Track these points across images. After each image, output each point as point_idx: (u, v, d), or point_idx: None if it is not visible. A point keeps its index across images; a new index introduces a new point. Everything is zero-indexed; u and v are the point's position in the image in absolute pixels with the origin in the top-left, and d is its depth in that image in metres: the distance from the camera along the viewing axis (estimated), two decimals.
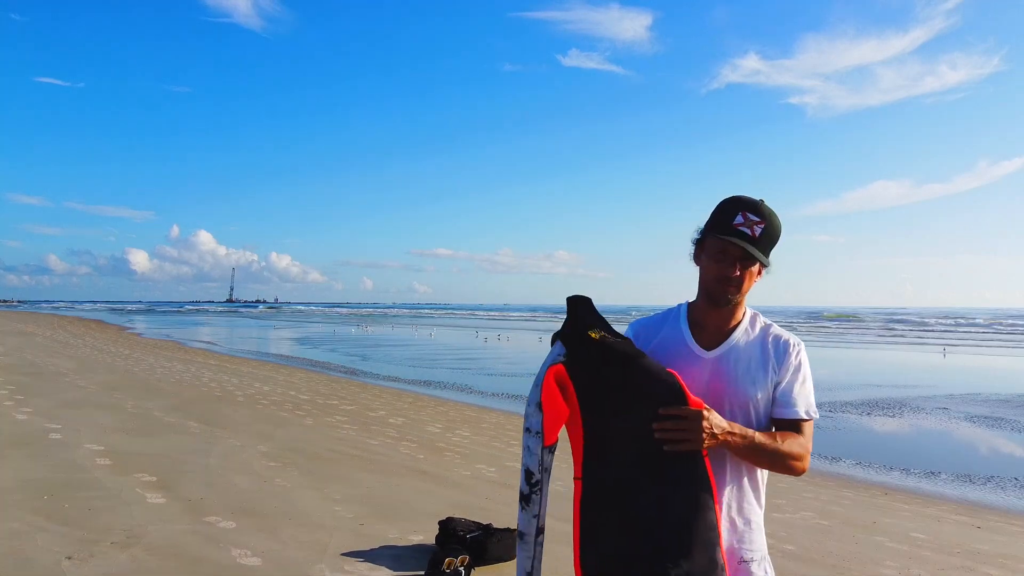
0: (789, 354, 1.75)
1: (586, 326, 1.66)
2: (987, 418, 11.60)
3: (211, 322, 57.70)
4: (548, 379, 1.61)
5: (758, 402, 1.72)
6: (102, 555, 3.77)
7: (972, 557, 4.99)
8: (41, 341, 22.43)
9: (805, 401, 1.73)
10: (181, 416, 8.48)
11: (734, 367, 1.73)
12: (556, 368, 1.63)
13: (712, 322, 1.78)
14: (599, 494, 1.63)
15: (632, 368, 1.64)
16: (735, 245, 1.66)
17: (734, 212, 1.68)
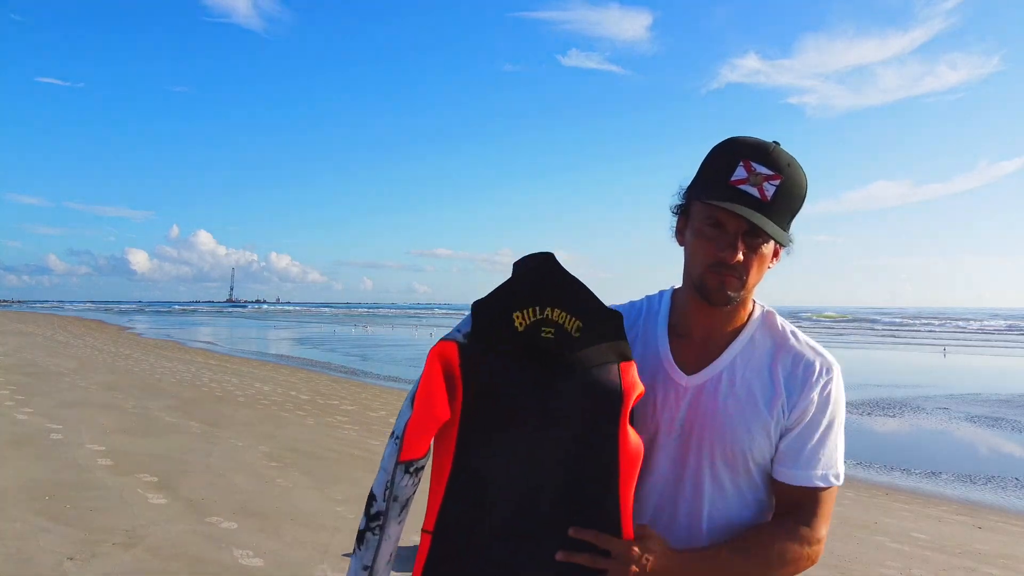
0: (811, 384, 1.18)
1: (518, 301, 1.11)
2: (988, 418, 11.60)
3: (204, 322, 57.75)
4: (432, 362, 1.10)
5: (754, 456, 1.19)
6: (104, 556, 3.77)
7: (973, 557, 5.00)
8: (41, 341, 22.43)
9: (826, 460, 1.18)
10: (182, 416, 8.49)
11: (723, 402, 1.19)
12: (445, 348, 1.10)
13: (702, 327, 1.24)
14: (453, 566, 1.11)
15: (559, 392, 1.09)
16: (735, 215, 1.10)
17: (732, 162, 1.13)
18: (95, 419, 7.81)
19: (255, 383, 12.99)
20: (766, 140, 1.16)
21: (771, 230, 1.11)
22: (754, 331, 1.25)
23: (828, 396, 1.19)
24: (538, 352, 1.10)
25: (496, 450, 1.09)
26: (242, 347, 26.33)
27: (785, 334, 1.25)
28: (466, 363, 1.09)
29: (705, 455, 1.19)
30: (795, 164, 1.15)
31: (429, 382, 1.09)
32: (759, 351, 1.23)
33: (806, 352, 1.22)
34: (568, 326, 1.11)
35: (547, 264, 1.14)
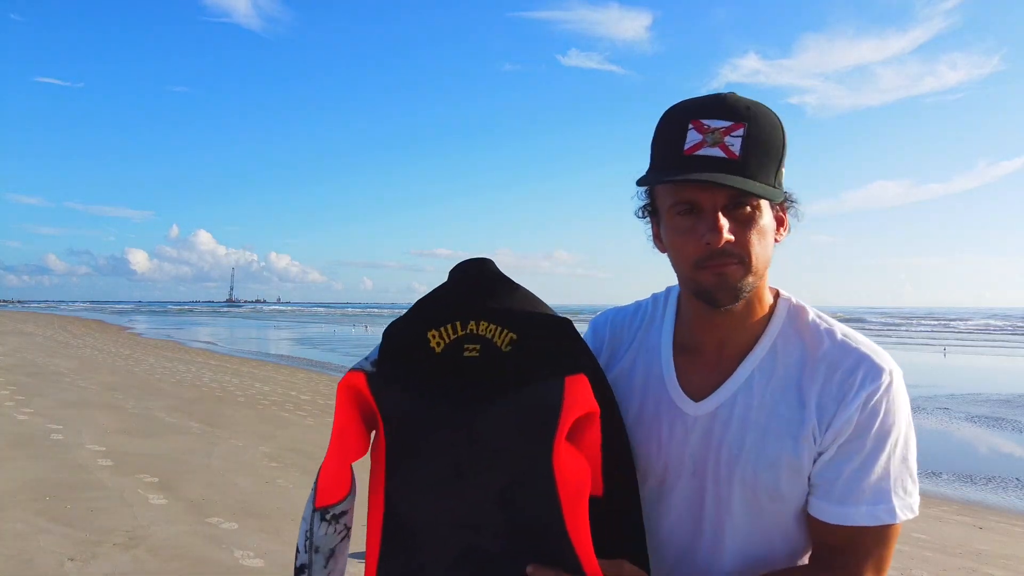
0: (849, 398, 0.93)
1: (435, 317, 0.96)
2: (988, 418, 11.60)
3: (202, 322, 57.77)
4: (341, 397, 0.97)
5: (782, 496, 0.96)
6: (104, 556, 3.77)
7: (974, 558, 5.00)
8: (41, 341, 22.43)
9: (874, 491, 0.92)
10: (182, 417, 8.49)
11: (739, 433, 0.96)
12: (353, 380, 0.96)
13: (711, 338, 1.02)
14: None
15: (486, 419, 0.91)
16: (704, 186, 0.90)
17: (681, 128, 0.92)
18: (96, 419, 7.81)
19: (255, 383, 12.99)
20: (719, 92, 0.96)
21: (755, 188, 0.89)
22: (776, 335, 1.00)
23: (875, 409, 0.92)
24: (460, 375, 0.93)
25: (422, 494, 0.94)
26: (242, 347, 26.33)
27: (819, 333, 0.98)
28: (377, 396, 0.95)
29: (723, 499, 0.97)
30: (757, 106, 0.94)
31: (341, 419, 0.97)
32: (784, 362, 0.98)
33: (846, 355, 0.95)
34: (498, 340, 0.94)
35: (478, 271, 0.99)
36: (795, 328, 1.01)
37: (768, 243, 0.95)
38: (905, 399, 0.95)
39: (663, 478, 1.02)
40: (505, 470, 0.92)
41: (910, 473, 0.94)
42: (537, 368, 0.93)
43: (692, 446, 0.99)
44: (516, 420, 0.91)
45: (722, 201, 0.91)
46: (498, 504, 0.92)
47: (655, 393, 1.04)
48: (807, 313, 1.02)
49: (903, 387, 0.95)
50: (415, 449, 0.94)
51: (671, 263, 1.00)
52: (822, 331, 0.99)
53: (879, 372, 0.94)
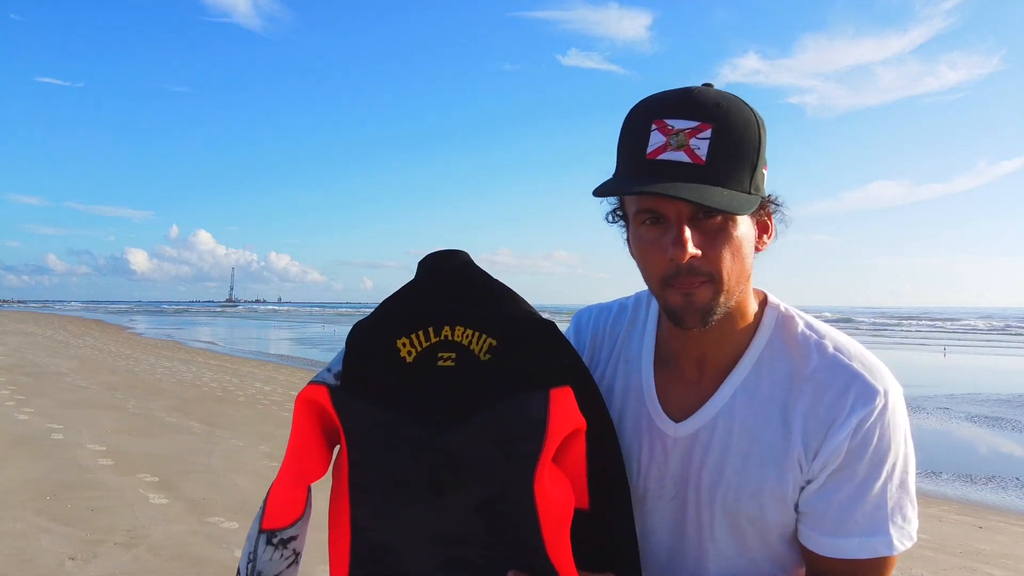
0: (838, 424, 0.85)
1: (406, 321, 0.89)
2: (988, 418, 11.60)
3: (201, 322, 57.78)
4: (300, 412, 0.90)
5: (767, 524, 0.90)
6: (105, 556, 3.77)
7: (974, 557, 5.00)
8: (41, 341, 22.43)
9: (867, 522, 0.86)
10: (183, 416, 8.49)
11: (719, 459, 0.91)
12: (313, 393, 0.89)
13: (689, 353, 0.95)
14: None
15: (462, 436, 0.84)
16: (666, 198, 0.81)
17: (644, 129, 0.84)
18: (96, 419, 7.81)
19: (255, 383, 12.99)
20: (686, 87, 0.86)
21: (720, 200, 0.79)
22: (761, 350, 0.92)
23: (868, 435, 0.84)
24: (433, 387, 0.85)
25: (393, 514, 0.86)
26: (242, 347, 26.33)
27: (807, 347, 0.90)
28: (341, 412, 0.87)
29: (705, 523, 0.92)
30: (729, 100, 0.84)
31: (297, 436, 0.89)
32: (769, 380, 0.90)
33: (836, 374, 0.87)
34: (476, 347, 0.86)
35: (451, 266, 0.90)
36: (782, 341, 0.92)
37: (744, 255, 0.86)
38: (903, 419, 0.87)
39: (643, 498, 0.97)
40: (484, 486, 0.85)
41: (909, 498, 0.87)
42: (519, 379, 0.85)
43: (672, 468, 0.94)
44: (495, 437, 0.83)
45: (688, 211, 0.82)
46: (478, 514, 0.85)
47: (635, 409, 0.98)
48: (796, 323, 0.93)
49: (901, 406, 0.87)
50: (384, 468, 0.85)
51: (641, 275, 0.92)
52: (811, 344, 0.91)
53: (872, 394, 0.85)
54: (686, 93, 0.84)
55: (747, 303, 0.93)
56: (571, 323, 1.14)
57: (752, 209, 0.82)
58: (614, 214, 0.96)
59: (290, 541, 0.91)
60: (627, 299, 1.11)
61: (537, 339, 0.89)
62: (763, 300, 0.96)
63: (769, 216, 0.91)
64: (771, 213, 0.91)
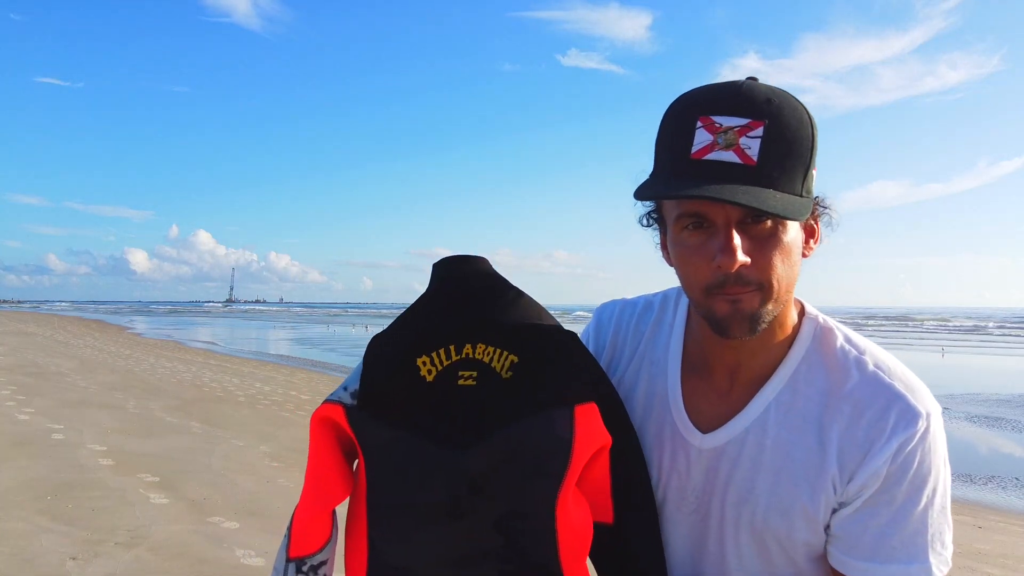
0: (878, 448, 0.81)
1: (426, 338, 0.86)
2: (987, 418, 11.61)
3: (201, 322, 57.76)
4: (316, 432, 0.88)
5: (794, 545, 0.86)
6: (106, 555, 3.78)
7: (973, 557, 5.00)
8: (42, 341, 22.43)
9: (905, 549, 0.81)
10: (183, 416, 8.50)
11: (749, 475, 0.86)
12: (329, 412, 0.87)
13: (723, 362, 0.91)
14: None
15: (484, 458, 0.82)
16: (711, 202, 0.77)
17: (688, 126, 0.79)
18: (96, 419, 7.82)
19: (255, 383, 12.99)
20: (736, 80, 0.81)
21: (775, 204, 0.74)
22: (798, 363, 0.87)
23: (909, 459, 0.80)
24: (454, 407, 0.83)
25: (413, 537, 0.83)
26: (242, 347, 26.33)
27: (847, 364, 0.85)
28: (359, 432, 0.84)
29: (729, 539, 0.88)
30: (781, 96, 0.78)
31: (317, 457, 0.87)
32: (805, 395, 0.85)
33: (877, 394, 0.83)
34: (497, 364, 0.84)
35: (471, 276, 0.87)
36: (820, 355, 0.87)
37: (793, 262, 0.81)
38: (943, 442, 0.84)
39: (661, 507, 0.94)
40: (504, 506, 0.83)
41: (948, 523, 0.84)
42: (542, 396, 0.83)
43: (695, 480, 0.90)
44: (518, 458, 0.82)
45: (737, 215, 0.77)
46: (497, 533, 0.83)
47: (658, 415, 0.93)
48: (835, 337, 0.88)
49: (941, 429, 0.84)
50: (404, 491, 0.83)
51: (680, 282, 0.88)
52: (851, 361, 0.86)
53: (915, 416, 0.81)
54: (735, 87, 0.79)
55: (788, 313, 0.88)
56: (592, 317, 1.10)
57: (807, 213, 0.77)
58: (649, 217, 0.90)
59: (320, 567, 0.88)
60: (653, 296, 1.05)
61: (560, 353, 0.86)
62: (801, 310, 0.91)
63: (816, 220, 0.86)
64: (818, 216, 0.86)
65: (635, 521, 0.91)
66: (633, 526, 0.90)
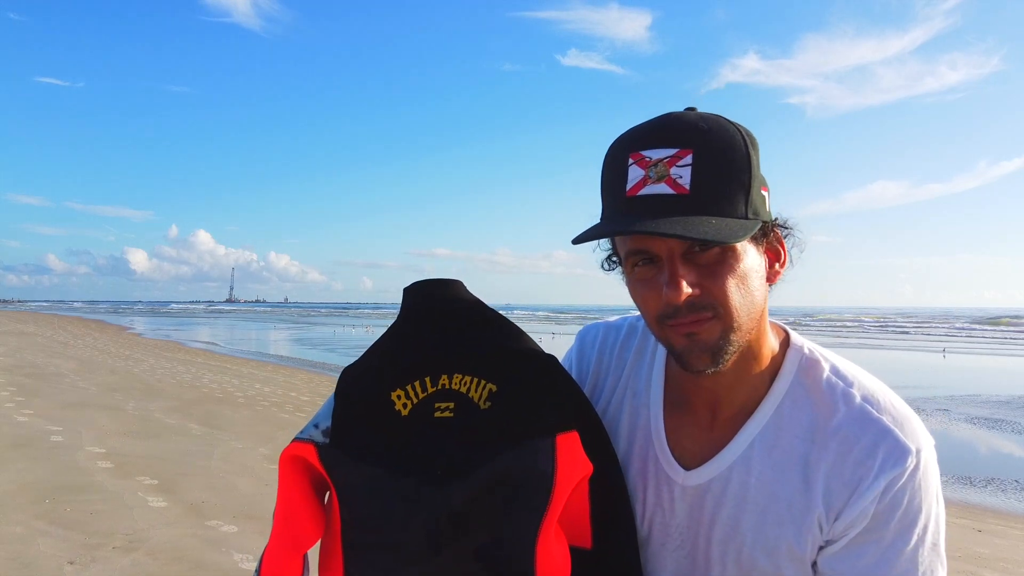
0: (865, 487, 0.79)
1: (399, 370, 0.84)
2: (988, 420, 11.60)
3: (198, 322, 57.75)
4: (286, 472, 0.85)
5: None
6: (104, 560, 3.77)
7: (973, 561, 5.00)
8: (41, 341, 22.43)
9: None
10: (182, 418, 8.49)
11: (733, 513, 0.85)
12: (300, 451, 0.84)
13: (702, 398, 0.89)
14: None
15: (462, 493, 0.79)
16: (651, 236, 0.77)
17: (622, 165, 0.78)
18: (95, 421, 7.81)
19: (255, 384, 12.99)
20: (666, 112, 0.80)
21: (707, 230, 0.72)
22: (782, 398, 0.85)
23: (898, 498, 0.78)
24: (431, 441, 0.80)
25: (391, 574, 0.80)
26: (242, 347, 26.32)
27: (833, 397, 0.83)
28: (332, 471, 0.81)
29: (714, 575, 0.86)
30: (709, 121, 0.77)
31: (287, 499, 0.83)
32: (790, 432, 0.83)
33: (864, 429, 0.80)
34: (475, 394, 0.82)
35: (445, 303, 0.84)
36: (805, 389, 0.85)
37: (752, 288, 0.79)
38: (935, 477, 0.80)
39: (646, 543, 0.91)
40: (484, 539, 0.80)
41: (940, 561, 0.82)
42: (522, 427, 0.80)
43: (679, 517, 0.88)
44: (499, 491, 0.79)
45: (680, 246, 0.76)
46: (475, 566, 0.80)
47: (641, 450, 0.91)
48: (821, 369, 0.85)
49: (933, 464, 0.80)
50: (381, 530, 0.80)
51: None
52: (838, 394, 0.83)
53: (904, 453, 0.78)
54: (662, 120, 0.79)
55: (763, 343, 0.85)
56: (575, 341, 1.08)
57: (748, 234, 0.75)
58: (609, 261, 0.89)
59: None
60: (637, 320, 1.01)
61: (539, 379, 0.84)
62: (784, 340, 0.89)
63: (780, 242, 0.84)
64: (783, 239, 0.84)
65: (615, 547, 0.88)
66: (613, 552, 0.88)
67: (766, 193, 0.80)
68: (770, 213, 0.81)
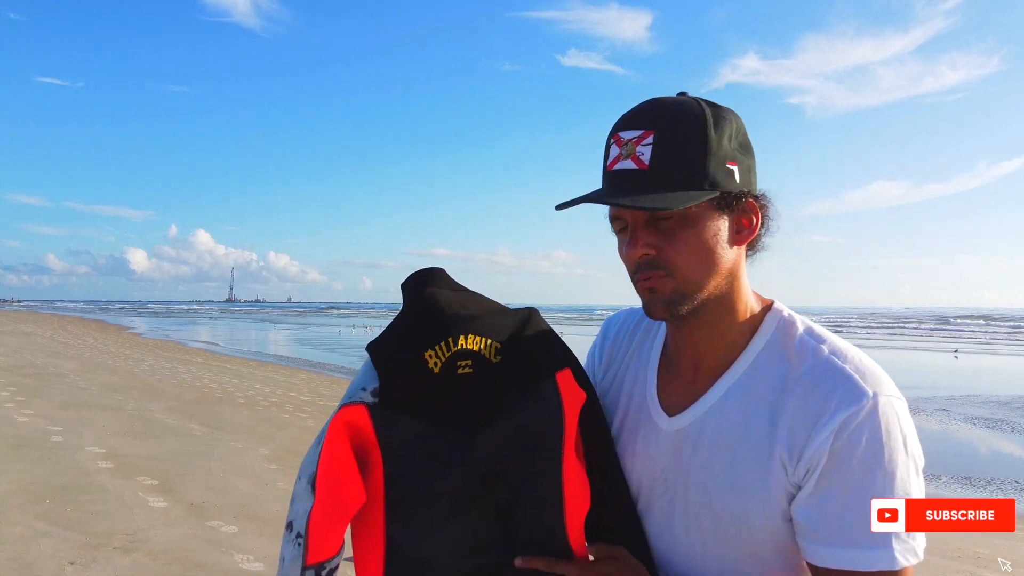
0: (822, 422, 0.83)
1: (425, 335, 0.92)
2: (988, 420, 11.60)
3: (198, 322, 57.73)
4: (335, 436, 0.87)
5: (751, 528, 0.88)
6: (104, 560, 3.78)
7: (973, 561, 5.00)
8: (41, 341, 22.43)
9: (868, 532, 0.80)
10: (182, 418, 8.49)
11: (707, 455, 0.91)
12: (352, 415, 0.89)
13: (686, 353, 0.97)
14: None
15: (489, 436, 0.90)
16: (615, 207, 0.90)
17: (608, 145, 0.91)
18: (95, 421, 7.81)
19: (255, 384, 12.99)
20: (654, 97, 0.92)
21: (651, 201, 0.83)
22: (759, 352, 0.92)
23: (855, 437, 0.81)
24: (459, 395, 0.90)
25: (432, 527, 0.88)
26: (242, 347, 26.32)
27: (804, 350, 0.89)
28: (382, 429, 0.88)
29: (692, 523, 0.92)
30: (680, 104, 0.88)
31: (334, 462, 0.86)
32: (763, 381, 0.90)
33: (826, 375, 0.85)
34: (486, 352, 0.92)
35: (439, 282, 0.96)
36: (781, 345, 0.91)
37: (707, 249, 0.88)
38: (900, 426, 0.82)
39: (638, 494, 0.99)
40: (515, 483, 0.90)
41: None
42: (528, 372, 0.93)
43: (663, 463, 0.95)
44: (522, 434, 0.90)
45: (643, 215, 0.87)
46: (495, 519, 0.90)
47: (636, 406, 1.01)
48: (796, 328, 0.92)
49: (897, 413, 0.83)
50: (425, 480, 0.88)
51: None
52: (808, 349, 0.89)
53: (860, 395, 0.82)
54: (641, 105, 0.90)
55: (736, 301, 0.93)
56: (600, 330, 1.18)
57: (690, 203, 0.84)
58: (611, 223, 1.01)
59: (334, 571, 0.88)
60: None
61: (528, 330, 0.97)
62: (768, 306, 0.96)
63: (755, 210, 0.91)
64: (760, 207, 0.92)
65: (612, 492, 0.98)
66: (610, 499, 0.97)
67: (733, 167, 0.88)
68: (744, 184, 0.89)
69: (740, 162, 0.89)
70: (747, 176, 0.90)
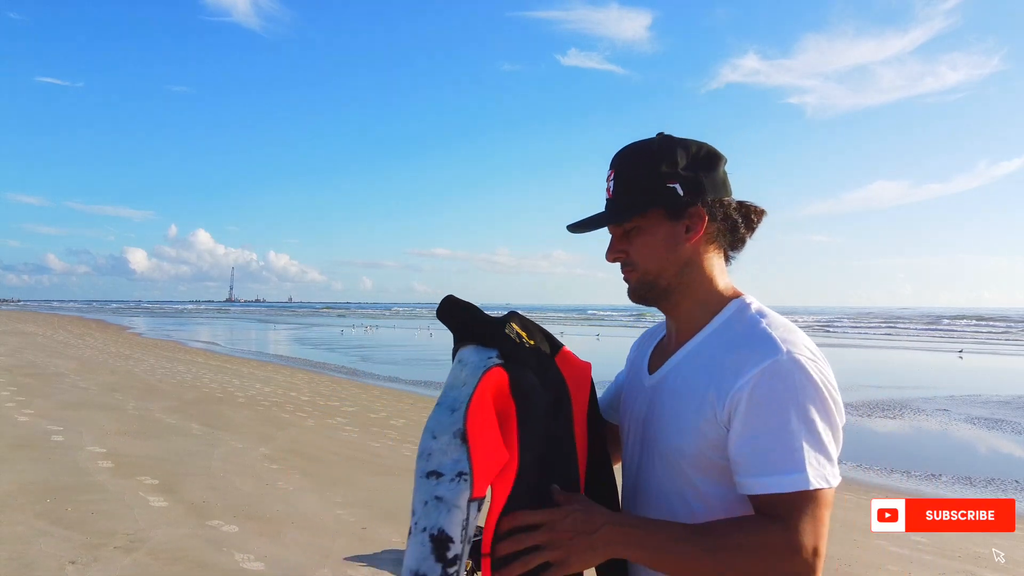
0: (740, 372, 1.02)
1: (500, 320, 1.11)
2: (988, 420, 11.61)
3: (197, 322, 57.70)
4: (483, 392, 1.00)
5: (688, 459, 1.08)
6: (105, 560, 3.78)
7: (973, 561, 5.00)
8: (42, 341, 22.43)
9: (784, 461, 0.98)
10: (183, 418, 8.50)
11: (668, 399, 1.13)
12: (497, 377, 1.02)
13: (671, 331, 1.23)
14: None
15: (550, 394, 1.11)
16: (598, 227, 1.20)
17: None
18: (96, 421, 7.82)
19: (255, 384, 13.00)
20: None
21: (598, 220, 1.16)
22: (718, 326, 1.13)
23: (768, 385, 1.00)
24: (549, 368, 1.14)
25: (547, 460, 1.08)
26: (242, 347, 26.33)
27: (748, 323, 1.09)
28: (517, 381, 1.05)
29: (650, 463, 1.15)
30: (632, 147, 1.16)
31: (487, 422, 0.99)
32: (714, 345, 1.10)
33: (755, 336, 1.06)
34: (525, 337, 1.14)
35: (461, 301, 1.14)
36: (735, 322, 1.12)
37: (660, 247, 1.14)
38: (810, 380, 1.01)
39: (625, 443, 1.25)
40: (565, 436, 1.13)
41: (820, 450, 1.00)
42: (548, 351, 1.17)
43: (640, 411, 1.19)
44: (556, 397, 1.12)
45: (618, 229, 1.18)
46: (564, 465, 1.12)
47: (636, 372, 1.27)
48: (750, 310, 1.13)
49: (808, 370, 1.01)
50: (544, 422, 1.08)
51: None
52: (751, 321, 1.10)
53: (774, 350, 1.02)
54: (622, 148, 1.18)
55: (698, 289, 1.16)
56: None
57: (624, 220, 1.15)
58: None
59: (482, 504, 1.01)
60: None
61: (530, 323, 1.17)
62: (736, 296, 1.17)
63: (700, 215, 1.12)
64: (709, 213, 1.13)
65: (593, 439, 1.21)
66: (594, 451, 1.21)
67: (675, 185, 1.12)
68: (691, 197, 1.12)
69: (686, 180, 1.12)
70: (695, 189, 1.12)
